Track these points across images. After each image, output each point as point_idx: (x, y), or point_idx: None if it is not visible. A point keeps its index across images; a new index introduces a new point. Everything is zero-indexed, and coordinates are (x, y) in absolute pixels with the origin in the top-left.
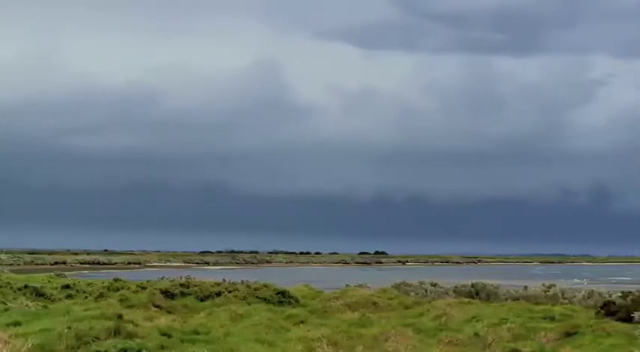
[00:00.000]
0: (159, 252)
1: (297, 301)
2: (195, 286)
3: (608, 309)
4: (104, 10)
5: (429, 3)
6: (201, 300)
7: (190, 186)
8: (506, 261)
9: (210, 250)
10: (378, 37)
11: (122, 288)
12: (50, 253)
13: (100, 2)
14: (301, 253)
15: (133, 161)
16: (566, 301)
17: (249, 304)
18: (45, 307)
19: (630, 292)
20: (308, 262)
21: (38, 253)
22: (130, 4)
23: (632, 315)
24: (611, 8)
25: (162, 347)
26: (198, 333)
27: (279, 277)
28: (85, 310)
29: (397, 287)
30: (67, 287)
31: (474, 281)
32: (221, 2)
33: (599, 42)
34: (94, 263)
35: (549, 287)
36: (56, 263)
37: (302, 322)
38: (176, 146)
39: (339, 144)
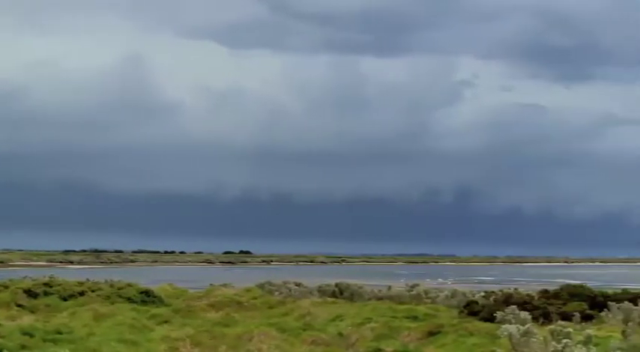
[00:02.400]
0: (22, 251)
1: (161, 300)
2: (59, 285)
3: (471, 309)
4: None
5: (297, 3)
6: (65, 300)
7: (54, 184)
8: (371, 260)
9: (74, 249)
10: (245, 36)
11: None
12: None
13: None
14: (166, 252)
15: None
16: (430, 301)
17: (113, 303)
18: None
19: (493, 292)
20: (173, 261)
21: None
22: None
23: (495, 315)
24: (477, 9)
25: (24, 347)
26: (60, 333)
27: (143, 276)
28: None
29: (261, 286)
30: None
31: (338, 281)
32: (86, 0)
33: (464, 43)
34: None
35: (413, 286)
36: None
37: (166, 321)
38: (40, 144)
39: (205, 143)
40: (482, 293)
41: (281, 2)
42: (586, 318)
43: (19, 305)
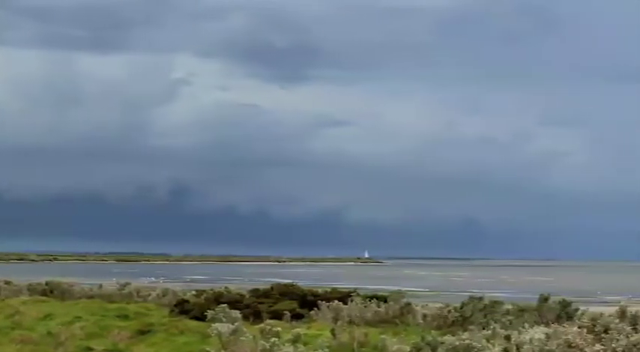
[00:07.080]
0: None
1: None
2: None
3: (182, 308)
4: None
5: None
6: None
7: None
8: (83, 259)
9: None
10: None
11: None
12: None
13: None
14: None
15: None
16: (141, 299)
17: None
18: None
19: (204, 291)
20: None
21: None
22: None
23: (206, 314)
24: (196, 8)
25: None
26: None
27: None
28: None
29: None
30: None
31: (48, 279)
32: None
33: (182, 41)
34: None
35: (124, 285)
36: None
37: None
38: None
39: None
40: (194, 292)
41: None
42: (296, 317)
43: None
